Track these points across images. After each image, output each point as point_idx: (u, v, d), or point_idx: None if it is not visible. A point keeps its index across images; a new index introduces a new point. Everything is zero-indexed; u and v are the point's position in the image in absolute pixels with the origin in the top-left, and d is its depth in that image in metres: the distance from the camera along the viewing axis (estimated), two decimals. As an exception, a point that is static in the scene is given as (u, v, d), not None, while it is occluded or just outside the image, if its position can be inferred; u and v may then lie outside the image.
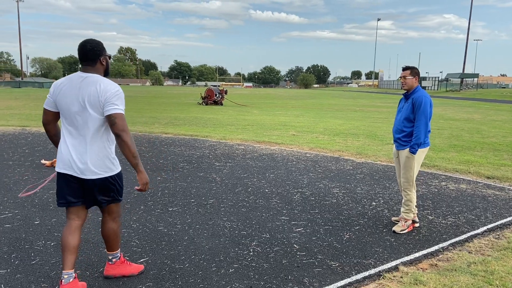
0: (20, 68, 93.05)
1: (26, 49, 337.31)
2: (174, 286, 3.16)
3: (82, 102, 2.80)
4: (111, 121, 2.78)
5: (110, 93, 2.80)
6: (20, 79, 79.61)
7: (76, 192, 2.95)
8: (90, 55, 2.88)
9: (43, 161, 3.52)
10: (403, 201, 4.53)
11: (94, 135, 2.85)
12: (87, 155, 2.85)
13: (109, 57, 3.04)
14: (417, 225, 4.57)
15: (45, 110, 2.97)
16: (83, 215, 3.08)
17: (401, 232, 4.34)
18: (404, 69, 4.50)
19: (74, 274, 2.98)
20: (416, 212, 4.57)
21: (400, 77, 4.53)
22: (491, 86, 75.89)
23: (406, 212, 4.45)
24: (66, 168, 2.89)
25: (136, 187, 2.94)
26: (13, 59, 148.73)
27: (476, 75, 71.02)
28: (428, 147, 4.50)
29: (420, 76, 4.74)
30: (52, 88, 2.92)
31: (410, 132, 4.40)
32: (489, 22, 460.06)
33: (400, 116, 4.54)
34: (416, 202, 4.73)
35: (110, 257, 3.27)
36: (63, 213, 4.46)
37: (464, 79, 67.68)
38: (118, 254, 3.29)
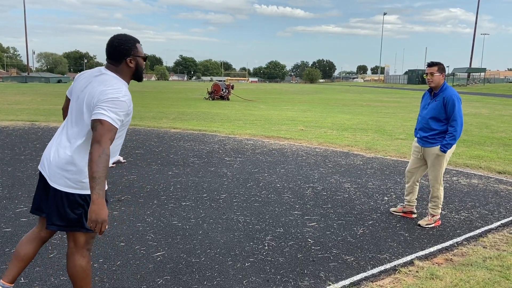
0: (26, 63, 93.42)
1: (31, 44, 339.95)
2: (192, 280, 3.19)
3: (82, 99, 2.38)
4: (93, 127, 2.23)
5: (107, 97, 2.26)
6: (26, 74, 79.95)
7: (44, 198, 2.48)
8: (114, 54, 2.42)
9: None
10: (429, 197, 4.53)
11: (80, 140, 2.37)
12: (64, 159, 2.35)
13: (144, 59, 2.51)
14: (414, 216, 4.67)
15: (66, 96, 2.63)
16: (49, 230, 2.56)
17: (426, 226, 4.37)
18: (430, 65, 4.30)
19: None
20: (415, 204, 4.72)
21: (426, 74, 4.32)
22: (498, 81, 75.32)
23: (433, 208, 4.45)
24: (41, 165, 2.48)
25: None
26: (19, 54, 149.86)
27: (483, 70, 70.58)
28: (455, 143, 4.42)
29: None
30: (76, 75, 2.60)
31: (440, 131, 4.30)
32: (496, 16, 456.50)
33: (426, 113, 4.40)
34: (419, 195, 4.89)
35: None
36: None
37: (471, 74, 67.24)
38: None
